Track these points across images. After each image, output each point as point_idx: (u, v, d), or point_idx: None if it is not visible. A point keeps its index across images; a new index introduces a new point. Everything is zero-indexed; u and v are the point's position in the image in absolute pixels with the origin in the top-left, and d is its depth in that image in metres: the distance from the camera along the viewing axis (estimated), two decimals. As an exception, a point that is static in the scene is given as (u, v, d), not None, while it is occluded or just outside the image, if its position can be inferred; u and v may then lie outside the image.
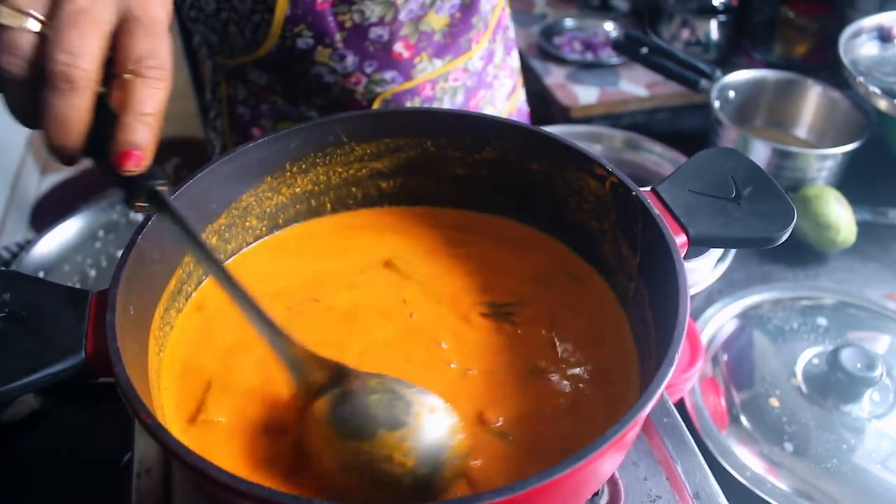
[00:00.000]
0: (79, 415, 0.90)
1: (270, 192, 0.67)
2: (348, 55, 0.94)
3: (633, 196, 0.58)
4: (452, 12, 0.98)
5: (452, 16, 0.98)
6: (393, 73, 0.98)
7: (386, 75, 0.98)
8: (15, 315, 0.50)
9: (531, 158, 0.66)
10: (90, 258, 1.12)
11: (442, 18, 0.97)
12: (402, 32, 0.94)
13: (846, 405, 0.85)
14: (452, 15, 0.98)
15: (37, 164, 2.97)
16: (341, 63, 0.94)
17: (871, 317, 0.98)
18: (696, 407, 0.87)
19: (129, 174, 0.47)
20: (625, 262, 0.61)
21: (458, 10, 0.98)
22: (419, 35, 0.96)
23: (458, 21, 0.99)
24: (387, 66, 0.97)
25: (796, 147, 1.19)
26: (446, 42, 1.00)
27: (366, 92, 0.99)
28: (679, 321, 0.49)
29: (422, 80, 1.01)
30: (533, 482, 0.40)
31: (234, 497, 0.41)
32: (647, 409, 0.45)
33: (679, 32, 1.87)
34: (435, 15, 0.96)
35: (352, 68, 0.96)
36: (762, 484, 0.79)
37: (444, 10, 0.96)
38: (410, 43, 0.96)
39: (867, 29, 1.26)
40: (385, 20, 0.92)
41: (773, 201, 0.59)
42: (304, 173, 0.68)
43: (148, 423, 0.43)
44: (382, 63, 0.97)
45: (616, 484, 0.60)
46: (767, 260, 1.10)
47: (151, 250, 0.56)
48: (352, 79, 0.97)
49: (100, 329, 0.48)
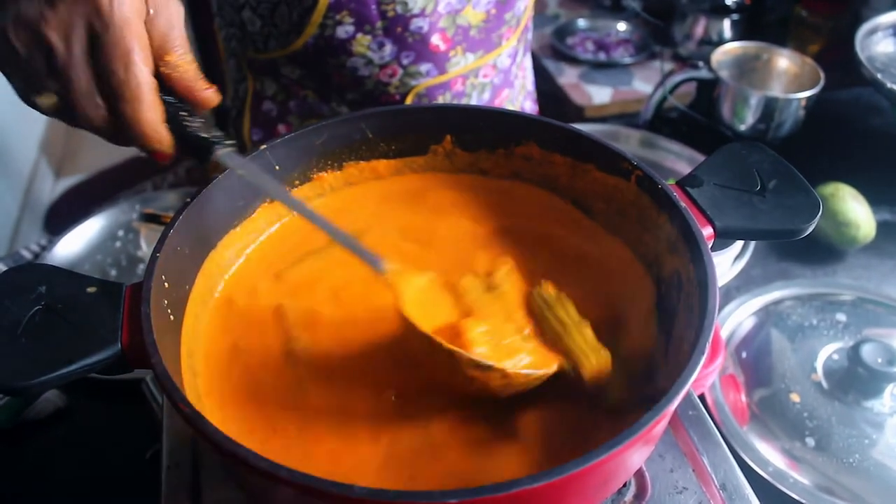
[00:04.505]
0: (102, 411, 0.91)
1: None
2: (387, 44, 0.95)
3: (659, 189, 0.58)
4: (488, 8, 0.99)
5: (488, 12, 1.00)
6: (428, 65, 0.99)
7: (421, 68, 0.99)
8: (51, 307, 0.51)
9: (556, 153, 0.66)
10: (110, 257, 1.13)
11: (479, 14, 0.98)
12: (440, 25, 0.96)
13: (867, 400, 0.85)
14: (488, 11, 0.99)
15: (50, 167, 2.99)
16: (379, 52, 0.96)
17: (889, 313, 0.98)
18: (716, 403, 0.87)
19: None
20: (653, 255, 0.61)
21: (493, 7, 0.99)
22: (456, 28, 0.97)
23: (493, 17, 1.00)
24: (423, 59, 0.99)
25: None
26: (480, 37, 1.01)
27: (400, 85, 1.00)
28: (709, 311, 0.49)
29: (454, 75, 1.02)
30: (559, 472, 0.40)
31: (272, 483, 0.41)
32: (677, 400, 0.46)
33: (692, 31, 1.88)
34: (472, 10, 0.97)
35: (389, 58, 0.97)
36: (784, 479, 0.79)
37: (480, 5, 0.98)
38: (447, 36, 0.97)
39: (883, 26, 1.26)
40: (426, 11, 0.94)
41: (797, 194, 0.60)
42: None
43: (186, 411, 0.44)
44: (419, 55, 0.98)
45: (643, 476, 0.60)
46: (785, 257, 1.10)
47: (183, 245, 0.56)
48: (387, 70, 0.98)
49: (135, 321, 0.49)
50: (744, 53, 1.32)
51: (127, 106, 0.51)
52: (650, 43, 2.04)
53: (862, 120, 1.39)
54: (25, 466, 0.85)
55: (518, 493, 0.40)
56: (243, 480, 0.49)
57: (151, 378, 0.82)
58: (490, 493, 0.40)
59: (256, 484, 0.46)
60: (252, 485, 0.47)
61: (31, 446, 0.87)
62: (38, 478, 0.84)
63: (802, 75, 1.28)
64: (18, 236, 2.57)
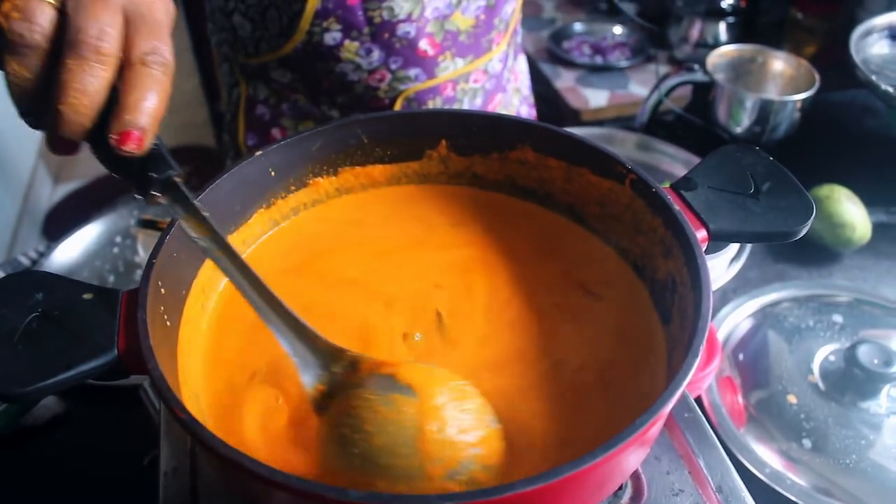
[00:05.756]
0: (100, 417, 0.91)
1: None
2: (375, 49, 0.96)
3: (653, 193, 0.58)
4: (478, 14, 0.99)
5: (477, 17, 1.00)
6: (417, 70, 1.00)
7: (410, 72, 0.99)
8: (48, 314, 0.51)
9: (551, 158, 0.67)
10: (108, 263, 1.13)
11: (468, 20, 0.98)
12: (427, 30, 0.96)
13: (864, 401, 0.85)
14: (478, 17, 1.00)
15: (49, 173, 2.99)
16: (367, 58, 0.96)
17: (886, 314, 0.98)
18: (713, 405, 0.87)
19: (126, 155, 0.47)
20: (648, 259, 0.62)
21: (483, 12, 1.00)
22: (444, 34, 0.98)
23: (482, 22, 1.01)
24: (411, 64, 0.99)
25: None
26: (470, 42, 1.02)
27: (389, 89, 1.01)
28: (702, 314, 0.49)
29: (444, 79, 1.02)
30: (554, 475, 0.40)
31: (269, 489, 0.42)
32: (672, 402, 0.46)
33: (688, 35, 1.88)
34: (461, 16, 0.97)
35: (377, 64, 0.97)
36: (781, 480, 0.79)
37: (469, 10, 0.98)
38: (436, 41, 0.98)
39: (878, 28, 1.26)
40: (412, 17, 0.94)
41: (791, 196, 0.60)
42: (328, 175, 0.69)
43: (183, 417, 0.44)
44: (407, 60, 0.98)
45: (639, 478, 0.60)
46: (781, 259, 1.11)
47: (180, 251, 0.57)
48: (376, 75, 0.99)
49: (132, 327, 0.49)
50: (739, 56, 1.32)
51: (74, 59, 0.45)
52: (646, 46, 2.05)
53: (857, 122, 1.40)
54: (23, 473, 0.85)
55: (513, 497, 0.40)
56: (241, 486, 0.49)
57: (149, 384, 0.82)
58: (485, 497, 0.40)
59: (254, 489, 0.46)
60: (250, 490, 0.47)
61: (28, 452, 0.87)
62: (36, 484, 0.84)
63: (798, 77, 1.28)
64: (17, 241, 2.57)
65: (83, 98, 0.46)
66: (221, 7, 1.01)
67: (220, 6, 1.01)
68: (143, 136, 0.47)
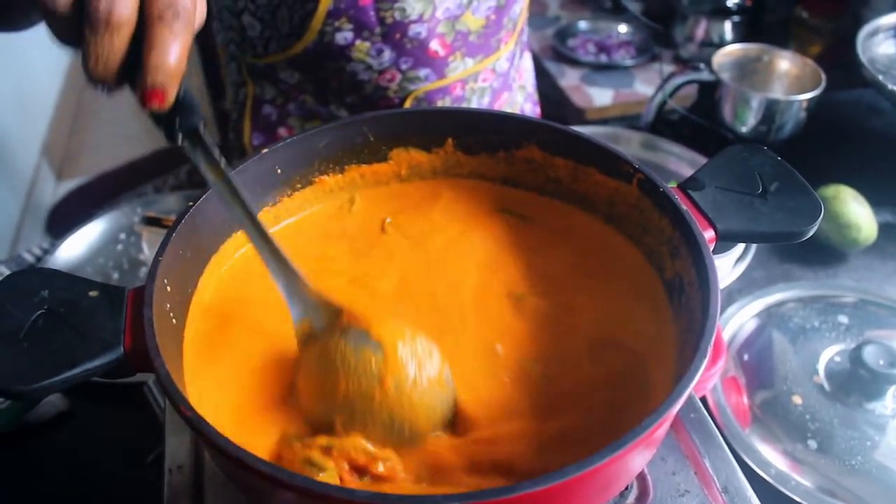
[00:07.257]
0: (104, 415, 0.91)
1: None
2: (386, 50, 0.96)
3: (661, 192, 0.58)
4: (488, 14, 0.99)
5: (488, 17, 1.00)
6: (427, 70, 1.00)
7: (420, 73, 0.99)
8: (53, 311, 0.51)
9: (558, 157, 0.66)
10: (112, 261, 1.13)
11: (478, 20, 0.98)
12: (438, 30, 0.96)
13: (869, 402, 0.85)
14: (488, 17, 1.00)
15: (52, 170, 3.00)
16: (378, 58, 0.96)
17: (891, 314, 0.98)
18: (718, 405, 0.87)
19: (156, 111, 0.49)
20: (656, 260, 0.61)
21: (493, 12, 1.00)
22: (455, 34, 0.98)
23: (492, 22, 1.01)
24: (422, 64, 0.99)
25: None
26: (479, 42, 1.02)
27: (399, 89, 1.01)
28: (710, 314, 0.49)
29: (454, 79, 1.02)
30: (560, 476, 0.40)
31: (275, 488, 0.41)
32: (679, 403, 0.46)
33: (693, 33, 1.88)
34: (472, 16, 0.98)
35: (388, 64, 0.97)
36: (786, 481, 0.79)
37: (480, 11, 0.98)
38: (446, 42, 0.98)
39: (885, 28, 1.26)
40: (424, 17, 0.94)
41: (799, 196, 0.60)
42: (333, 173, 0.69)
43: (189, 416, 0.44)
44: (418, 60, 0.98)
45: (645, 479, 0.60)
46: (787, 259, 1.10)
47: (185, 249, 0.57)
48: (386, 75, 0.99)
49: (137, 324, 0.49)
50: (745, 55, 1.32)
51: (88, 28, 0.46)
52: (651, 45, 2.04)
53: (863, 121, 1.39)
54: (27, 470, 0.85)
55: (519, 497, 0.40)
56: (245, 484, 0.49)
57: (154, 381, 0.82)
58: (490, 497, 0.40)
59: (259, 488, 0.46)
60: (254, 489, 0.47)
61: (32, 450, 0.87)
62: (40, 481, 0.84)
63: (804, 77, 1.28)
64: (20, 239, 2.57)
65: (99, 63, 0.47)
66: (230, 6, 1.00)
67: (228, 5, 1.00)
68: (164, 94, 0.49)
